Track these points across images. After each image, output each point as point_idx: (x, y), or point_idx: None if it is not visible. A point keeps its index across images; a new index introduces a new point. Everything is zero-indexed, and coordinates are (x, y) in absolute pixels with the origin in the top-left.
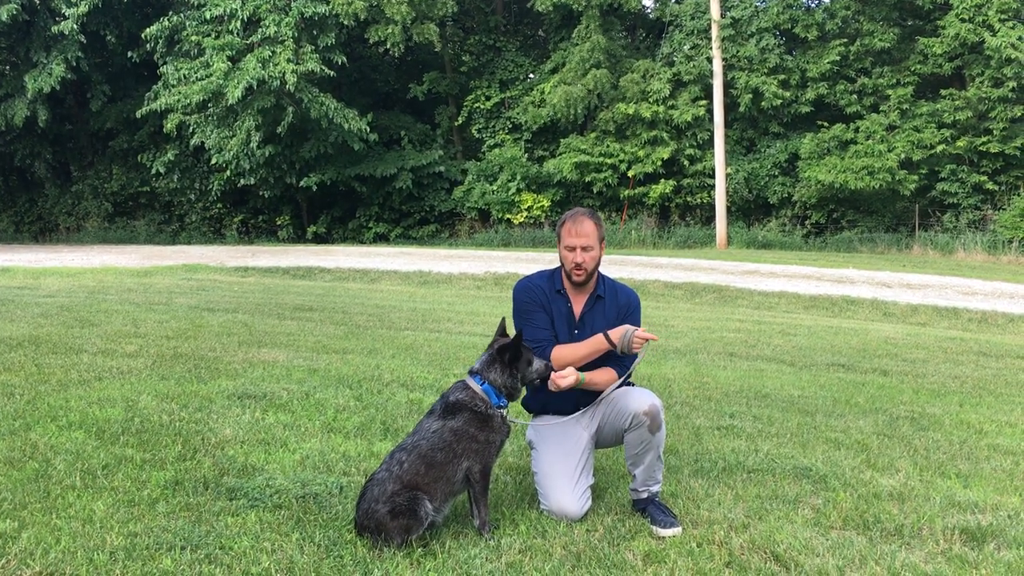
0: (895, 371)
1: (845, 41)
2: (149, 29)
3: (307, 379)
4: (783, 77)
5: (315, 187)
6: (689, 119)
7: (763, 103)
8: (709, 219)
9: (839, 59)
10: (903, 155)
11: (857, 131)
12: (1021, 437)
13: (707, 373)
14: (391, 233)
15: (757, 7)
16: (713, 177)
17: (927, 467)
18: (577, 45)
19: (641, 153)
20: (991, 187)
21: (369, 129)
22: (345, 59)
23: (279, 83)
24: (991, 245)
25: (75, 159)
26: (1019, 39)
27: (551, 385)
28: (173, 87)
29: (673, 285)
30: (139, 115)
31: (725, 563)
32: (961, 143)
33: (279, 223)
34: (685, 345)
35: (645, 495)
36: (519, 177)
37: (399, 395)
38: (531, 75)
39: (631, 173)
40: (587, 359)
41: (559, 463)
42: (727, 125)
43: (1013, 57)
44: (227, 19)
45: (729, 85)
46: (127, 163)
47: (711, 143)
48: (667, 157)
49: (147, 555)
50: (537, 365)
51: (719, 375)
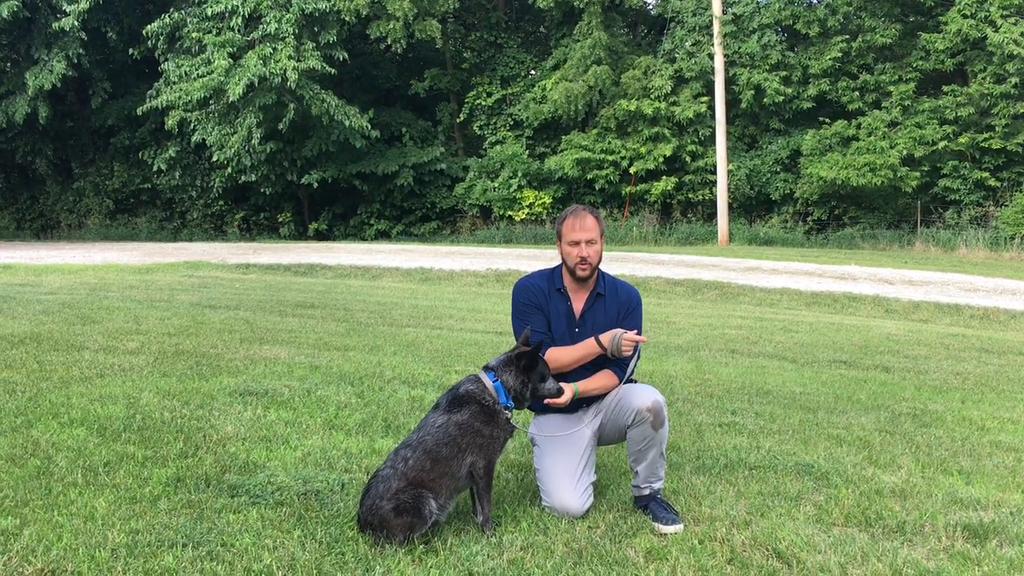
0: (897, 368)
1: (847, 37)
2: (150, 26)
3: (309, 376)
4: (785, 73)
5: (316, 184)
6: (691, 115)
7: (765, 99)
8: (711, 216)
9: (841, 55)
10: (905, 151)
11: (859, 127)
12: (1023, 434)
13: (709, 370)
14: (392, 230)
15: (759, 3)
16: (715, 174)
17: (929, 464)
18: (579, 41)
19: (643, 150)
20: (993, 183)
21: (370, 126)
22: (346, 55)
23: (280, 80)
24: (993, 241)
25: (76, 156)
26: (1021, 35)
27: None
28: (174, 84)
29: (675, 282)
30: (140, 112)
31: (727, 560)
32: (963, 139)
33: (280, 220)
34: (687, 342)
35: (647, 492)
36: (520, 174)
37: (401, 392)
38: (532, 72)
39: (633, 170)
40: (579, 362)
41: (561, 460)
42: (729, 121)
43: (1015, 53)
44: (228, 16)
45: (731, 81)
46: (128, 160)
47: (713, 139)
48: (669, 154)
49: (149, 552)
50: (550, 385)
51: (721, 372)
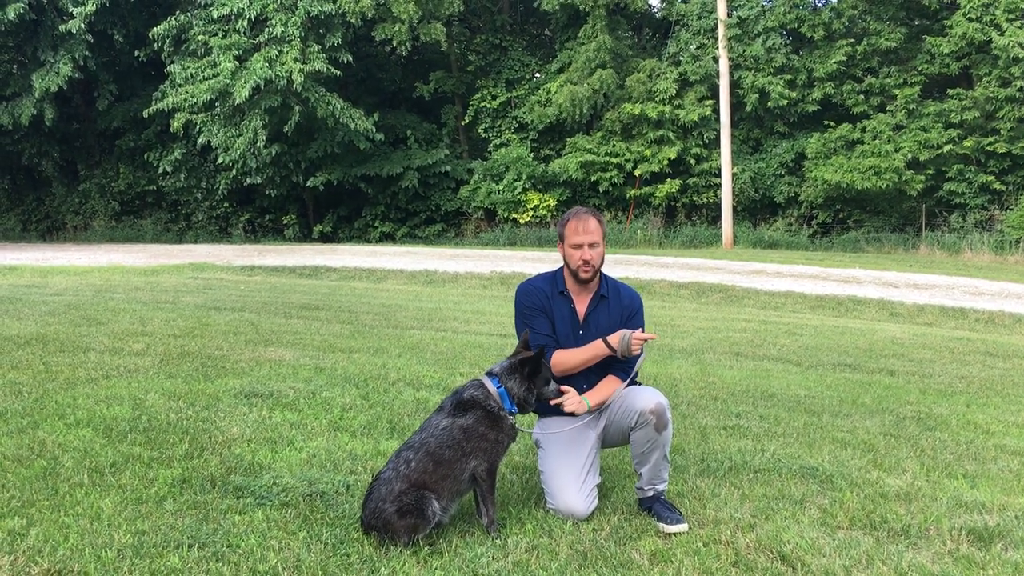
0: (902, 371)
1: (852, 41)
2: (156, 28)
3: (314, 378)
4: (789, 77)
5: (321, 186)
6: (695, 119)
7: (769, 103)
8: (715, 219)
9: (846, 59)
10: (910, 155)
11: (864, 131)
12: None
13: (713, 373)
14: (397, 232)
15: (763, 6)
16: (719, 177)
17: (934, 467)
18: (583, 44)
19: (647, 152)
20: (998, 187)
21: (375, 128)
22: (351, 58)
23: (286, 83)
24: (998, 245)
25: (82, 158)
26: None
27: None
28: (180, 86)
29: (679, 285)
30: (146, 114)
31: (732, 562)
32: (968, 143)
33: (285, 222)
34: (691, 345)
35: (651, 493)
36: (525, 176)
37: (405, 394)
38: (537, 74)
39: (637, 172)
40: (587, 364)
41: (566, 462)
42: (733, 125)
43: (1021, 57)
44: (234, 19)
45: (735, 85)
46: (134, 162)
47: (717, 143)
48: (673, 157)
49: (155, 553)
50: (552, 388)
51: (725, 375)
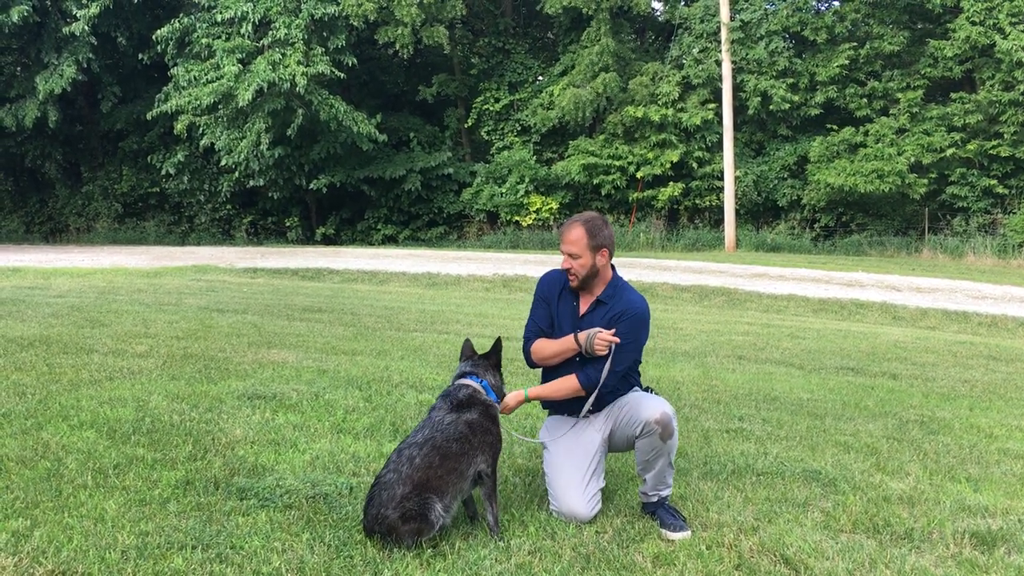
0: (904, 375)
1: (855, 44)
2: (160, 31)
3: (317, 380)
4: (792, 80)
5: (324, 189)
6: (698, 122)
7: (772, 106)
8: (718, 222)
9: (848, 62)
10: (913, 158)
11: (867, 134)
12: None
13: (716, 376)
14: (400, 235)
15: (766, 10)
16: (722, 180)
17: (937, 471)
18: (586, 48)
19: (650, 155)
20: (1001, 191)
21: (378, 131)
22: (355, 61)
23: (289, 85)
24: (1001, 249)
25: (85, 160)
26: None
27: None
28: (184, 89)
29: (682, 288)
30: (149, 116)
31: (735, 566)
32: (971, 147)
33: (288, 224)
34: (694, 348)
35: (655, 499)
36: (527, 179)
37: (408, 396)
38: (540, 77)
39: (640, 175)
40: (557, 356)
41: (570, 465)
42: (736, 128)
43: None
44: (238, 22)
45: (738, 88)
46: (137, 164)
47: (720, 146)
48: (676, 160)
49: (158, 554)
50: None
51: (728, 378)
